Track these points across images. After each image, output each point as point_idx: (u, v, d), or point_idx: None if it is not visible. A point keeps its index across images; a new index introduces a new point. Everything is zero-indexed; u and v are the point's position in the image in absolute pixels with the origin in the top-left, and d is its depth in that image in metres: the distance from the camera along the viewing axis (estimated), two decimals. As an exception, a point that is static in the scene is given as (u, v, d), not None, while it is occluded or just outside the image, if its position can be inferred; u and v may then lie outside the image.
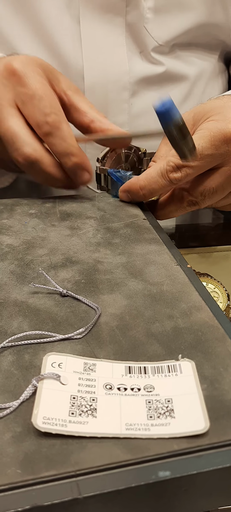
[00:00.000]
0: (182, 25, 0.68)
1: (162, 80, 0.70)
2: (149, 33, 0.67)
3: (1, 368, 0.28)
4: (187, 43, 0.71)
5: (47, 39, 0.66)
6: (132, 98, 0.69)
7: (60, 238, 0.44)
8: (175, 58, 0.71)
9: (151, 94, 0.70)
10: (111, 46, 0.67)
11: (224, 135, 0.46)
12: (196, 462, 0.23)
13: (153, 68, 0.69)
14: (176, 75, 0.71)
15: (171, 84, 0.71)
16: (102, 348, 0.30)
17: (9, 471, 0.22)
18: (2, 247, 0.42)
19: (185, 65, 0.72)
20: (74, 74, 0.67)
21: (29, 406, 0.25)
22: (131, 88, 0.68)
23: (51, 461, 0.23)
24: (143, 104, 0.70)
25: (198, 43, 0.72)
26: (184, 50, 0.71)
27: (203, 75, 0.74)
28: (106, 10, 0.65)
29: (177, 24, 0.68)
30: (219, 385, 0.27)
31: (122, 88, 0.68)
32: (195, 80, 0.73)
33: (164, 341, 0.30)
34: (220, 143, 0.46)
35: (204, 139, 0.46)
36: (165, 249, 0.42)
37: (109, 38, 0.67)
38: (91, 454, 0.23)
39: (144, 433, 0.24)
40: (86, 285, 0.37)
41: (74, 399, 0.26)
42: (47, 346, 0.30)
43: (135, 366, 0.28)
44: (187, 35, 0.69)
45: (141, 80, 0.69)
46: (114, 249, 0.42)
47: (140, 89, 0.70)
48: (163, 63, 0.70)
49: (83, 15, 0.65)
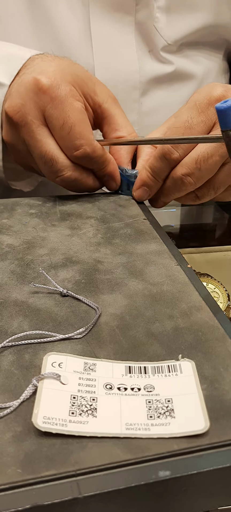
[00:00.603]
0: (190, 25, 0.69)
1: (171, 79, 0.71)
2: (159, 32, 0.67)
3: (2, 368, 0.28)
4: (195, 42, 0.72)
5: (58, 38, 0.66)
6: (142, 97, 0.70)
7: (61, 238, 0.44)
8: (183, 57, 0.72)
9: (160, 93, 0.71)
10: (121, 45, 0.67)
11: (208, 99, 0.48)
12: (196, 462, 0.23)
13: (163, 67, 0.70)
14: (184, 74, 0.72)
15: (180, 83, 0.72)
16: (103, 348, 0.30)
17: (9, 471, 0.22)
18: (3, 247, 0.42)
19: (193, 64, 0.73)
20: None
21: (30, 405, 0.25)
22: (140, 87, 0.69)
23: (51, 461, 0.23)
24: (152, 103, 0.71)
25: (205, 42, 0.73)
26: (192, 49, 0.72)
27: (210, 74, 0.74)
28: (116, 8, 0.65)
29: (186, 23, 0.69)
30: (219, 385, 0.27)
31: (132, 87, 0.68)
32: (202, 79, 0.74)
33: (164, 341, 0.30)
34: (206, 107, 0.48)
35: (192, 110, 0.48)
36: (165, 249, 0.42)
37: (119, 37, 0.67)
38: (91, 453, 0.23)
39: (144, 433, 0.24)
40: (87, 285, 0.37)
41: (75, 398, 0.26)
42: (48, 346, 0.30)
43: (135, 366, 0.28)
44: (195, 35, 0.70)
45: (151, 79, 0.70)
46: (115, 249, 0.42)
47: (150, 88, 0.70)
48: (172, 62, 0.70)
49: (93, 13, 0.65)
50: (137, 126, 0.70)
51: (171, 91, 0.71)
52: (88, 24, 0.65)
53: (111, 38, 0.67)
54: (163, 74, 0.70)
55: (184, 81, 0.72)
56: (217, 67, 0.75)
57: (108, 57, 0.67)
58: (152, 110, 0.71)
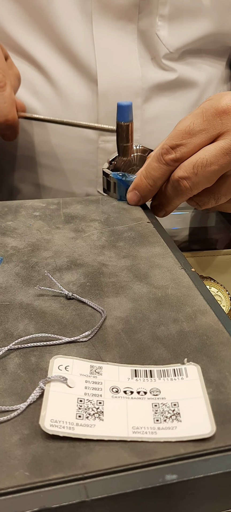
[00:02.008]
0: (193, 33, 0.69)
1: (173, 87, 0.71)
2: (161, 40, 0.67)
3: (8, 371, 0.28)
4: (197, 49, 0.71)
5: (61, 45, 0.66)
6: (144, 104, 0.70)
7: (65, 240, 0.44)
8: (186, 64, 0.71)
9: (163, 100, 0.71)
10: (123, 52, 0.67)
11: (216, 109, 0.47)
12: (202, 465, 0.23)
13: (165, 75, 0.70)
14: (187, 82, 0.72)
15: (182, 90, 0.72)
16: (108, 351, 0.30)
17: (17, 474, 0.22)
18: (7, 249, 0.42)
19: (195, 72, 0.72)
20: (88, 80, 0.67)
21: (37, 408, 0.26)
22: (143, 94, 0.69)
23: (59, 464, 0.23)
24: (155, 110, 0.70)
25: (208, 50, 0.73)
26: (194, 57, 0.72)
27: (212, 81, 0.74)
28: (119, 16, 0.65)
29: (189, 31, 0.68)
30: (224, 389, 0.27)
31: (134, 94, 0.68)
32: (205, 86, 0.73)
33: (170, 344, 0.31)
34: (212, 117, 0.47)
35: (197, 116, 0.48)
36: (169, 252, 0.42)
37: (122, 45, 0.67)
38: (98, 457, 0.23)
39: (151, 436, 0.24)
40: (92, 288, 0.37)
41: (81, 402, 0.26)
42: (53, 349, 0.30)
43: (141, 370, 0.28)
44: (198, 42, 0.70)
45: (153, 86, 0.69)
46: (119, 252, 0.42)
47: (152, 95, 0.70)
48: (174, 69, 0.70)
49: (96, 21, 0.65)
50: (139, 133, 0.70)
51: (173, 99, 0.71)
52: (91, 31, 0.66)
53: (114, 45, 0.67)
54: (165, 81, 0.70)
55: (187, 88, 0.72)
56: (220, 75, 0.75)
57: (111, 64, 0.67)
58: (155, 117, 0.71)
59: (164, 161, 0.49)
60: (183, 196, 0.49)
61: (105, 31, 0.66)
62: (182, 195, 0.49)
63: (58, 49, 0.66)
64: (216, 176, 0.47)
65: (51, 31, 0.66)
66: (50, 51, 0.67)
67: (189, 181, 0.48)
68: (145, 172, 0.51)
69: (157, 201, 0.53)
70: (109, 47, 0.66)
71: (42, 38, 0.66)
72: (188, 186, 0.48)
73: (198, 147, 0.47)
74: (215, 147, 0.46)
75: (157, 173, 0.50)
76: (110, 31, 0.66)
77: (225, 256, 0.57)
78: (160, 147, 0.49)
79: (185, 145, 0.47)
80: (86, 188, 0.72)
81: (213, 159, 0.46)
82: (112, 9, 0.65)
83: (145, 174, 0.51)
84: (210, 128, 0.47)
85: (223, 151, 0.46)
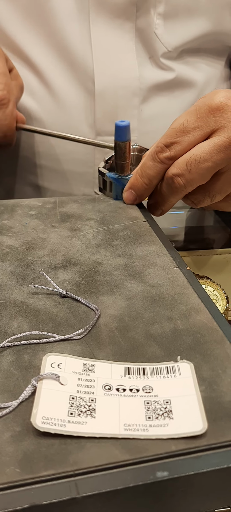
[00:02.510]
0: (191, 32, 0.69)
1: (171, 86, 0.71)
2: (159, 38, 0.67)
3: (1, 368, 0.28)
4: (196, 48, 0.71)
5: (58, 44, 0.66)
6: (142, 104, 0.69)
7: (61, 239, 0.44)
8: (184, 63, 0.71)
9: (160, 100, 0.71)
10: (121, 51, 0.67)
11: (209, 106, 0.47)
12: (194, 463, 0.23)
13: (163, 74, 0.70)
14: (185, 81, 0.71)
15: (180, 90, 0.72)
16: (102, 349, 0.30)
17: (8, 470, 0.22)
18: (3, 248, 0.42)
19: (194, 71, 0.72)
20: (85, 78, 0.67)
21: (29, 406, 0.26)
22: (141, 94, 0.69)
23: (50, 461, 0.23)
24: (152, 110, 0.70)
25: (206, 49, 0.72)
26: (193, 56, 0.72)
27: (211, 81, 0.74)
28: (117, 15, 0.65)
29: (187, 30, 0.68)
30: (217, 387, 0.27)
31: (132, 94, 0.68)
32: (204, 86, 0.73)
33: (163, 342, 0.31)
34: (206, 114, 0.47)
35: (190, 114, 0.48)
36: (164, 251, 0.42)
37: (119, 43, 0.67)
38: (89, 454, 0.23)
39: (142, 433, 0.24)
40: (86, 286, 0.37)
41: (73, 399, 0.26)
42: (47, 347, 0.30)
43: (134, 367, 0.28)
44: (196, 41, 0.70)
45: (151, 86, 0.69)
46: (114, 250, 0.42)
47: (150, 95, 0.70)
48: (172, 68, 0.70)
49: (94, 20, 0.65)
50: (136, 133, 0.69)
51: (171, 98, 0.71)
52: (88, 30, 0.65)
53: (112, 44, 0.66)
54: (163, 81, 0.70)
55: (185, 88, 0.72)
56: (219, 74, 0.75)
57: (109, 63, 0.67)
58: (152, 117, 0.70)
59: (158, 159, 0.49)
60: (178, 194, 0.49)
61: (103, 30, 0.66)
62: (177, 193, 0.49)
63: (55, 48, 0.66)
64: (210, 173, 0.47)
65: (48, 29, 0.65)
66: (47, 50, 0.66)
67: (183, 178, 0.48)
68: (140, 171, 0.51)
69: (153, 200, 0.53)
70: (107, 46, 0.66)
71: (39, 37, 0.66)
72: (182, 183, 0.48)
73: (192, 144, 0.47)
74: (209, 144, 0.46)
75: (152, 172, 0.50)
76: (108, 30, 0.66)
77: (221, 256, 0.57)
78: (155, 146, 0.49)
79: (179, 143, 0.47)
80: (83, 188, 0.72)
81: (206, 156, 0.46)
82: (110, 7, 0.65)
83: (140, 173, 0.51)
84: (204, 125, 0.47)
85: (216, 148, 0.46)
